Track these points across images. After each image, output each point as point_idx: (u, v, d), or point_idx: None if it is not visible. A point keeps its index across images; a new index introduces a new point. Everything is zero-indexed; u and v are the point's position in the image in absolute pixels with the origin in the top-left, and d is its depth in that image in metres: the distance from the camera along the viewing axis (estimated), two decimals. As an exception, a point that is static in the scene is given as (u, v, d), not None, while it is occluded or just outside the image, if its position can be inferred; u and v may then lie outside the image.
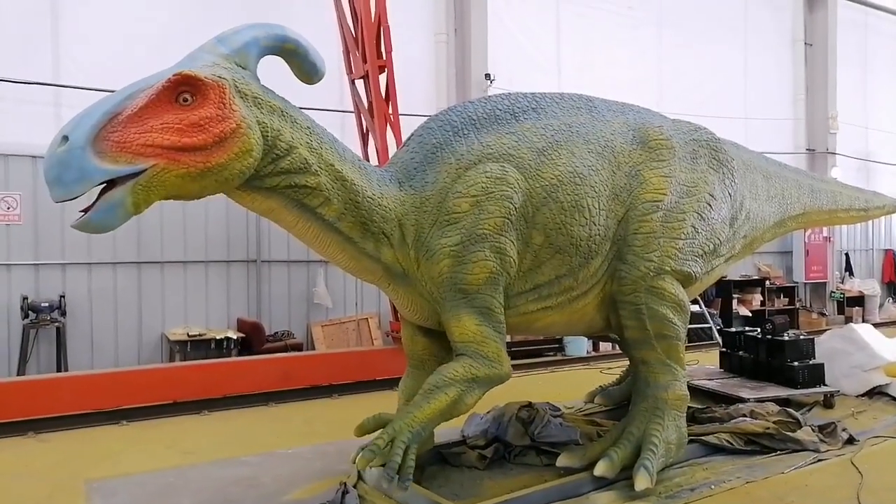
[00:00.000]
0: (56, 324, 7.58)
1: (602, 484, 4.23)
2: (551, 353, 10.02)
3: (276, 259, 8.64)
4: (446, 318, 3.94)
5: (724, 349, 7.46)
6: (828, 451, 5.02)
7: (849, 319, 14.15)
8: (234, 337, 7.50)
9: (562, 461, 4.40)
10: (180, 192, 3.13)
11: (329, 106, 8.50)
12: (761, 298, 13.51)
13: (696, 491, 4.26)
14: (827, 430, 5.31)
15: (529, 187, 4.04)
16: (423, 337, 4.53)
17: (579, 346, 10.09)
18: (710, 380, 6.85)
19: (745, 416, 5.42)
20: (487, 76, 9.48)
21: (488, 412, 5.20)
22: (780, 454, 4.93)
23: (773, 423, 5.25)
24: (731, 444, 5.04)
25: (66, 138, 2.88)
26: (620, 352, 9.88)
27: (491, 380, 3.89)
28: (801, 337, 6.81)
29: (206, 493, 4.39)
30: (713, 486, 4.34)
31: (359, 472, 4.22)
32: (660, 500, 4.08)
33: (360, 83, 7.73)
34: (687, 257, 4.51)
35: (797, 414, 5.43)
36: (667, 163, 4.54)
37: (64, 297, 7.67)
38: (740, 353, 7.11)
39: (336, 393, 7.36)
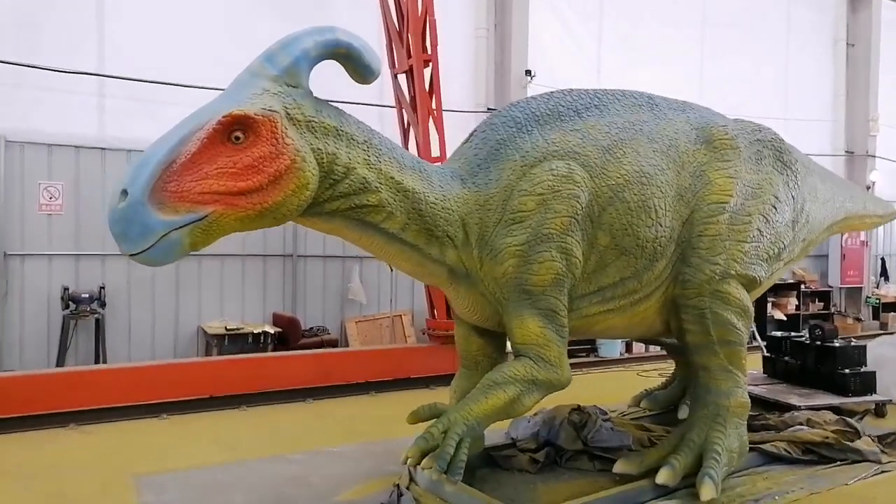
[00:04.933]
0: (96, 315, 7.59)
1: (662, 492, 4.11)
2: (584, 355, 9.87)
3: (311, 254, 8.59)
4: (508, 319, 3.85)
5: (767, 354, 7.31)
6: (889, 462, 4.87)
7: (884, 325, 13.86)
8: (272, 332, 7.46)
9: (619, 468, 4.29)
10: (239, 230, 3.15)
11: (369, 101, 8.44)
12: (796, 303, 13.26)
13: (759, 502, 4.13)
14: (887, 441, 5.16)
15: (596, 186, 3.94)
16: (478, 337, 4.46)
17: (613, 347, 9.94)
18: (755, 385, 6.68)
19: (801, 424, 5.27)
20: (528, 72, 9.35)
21: (536, 415, 5.10)
22: (840, 465, 4.78)
23: (832, 432, 5.10)
24: (790, 453, 4.89)
25: (125, 193, 2.85)
26: (655, 353, 9.85)
27: (551, 384, 3.80)
28: (853, 344, 6.63)
29: (259, 490, 4.33)
30: (776, 497, 4.21)
31: (410, 473, 4.15)
32: (723, 511, 3.95)
33: (402, 77, 7.64)
34: (752, 261, 4.39)
35: (855, 423, 5.27)
36: (732, 163, 4.41)
37: (104, 288, 7.67)
38: (786, 358, 6.95)
39: (373, 390, 7.30)
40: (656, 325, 4.56)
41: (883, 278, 14.96)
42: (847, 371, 6.30)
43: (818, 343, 6.65)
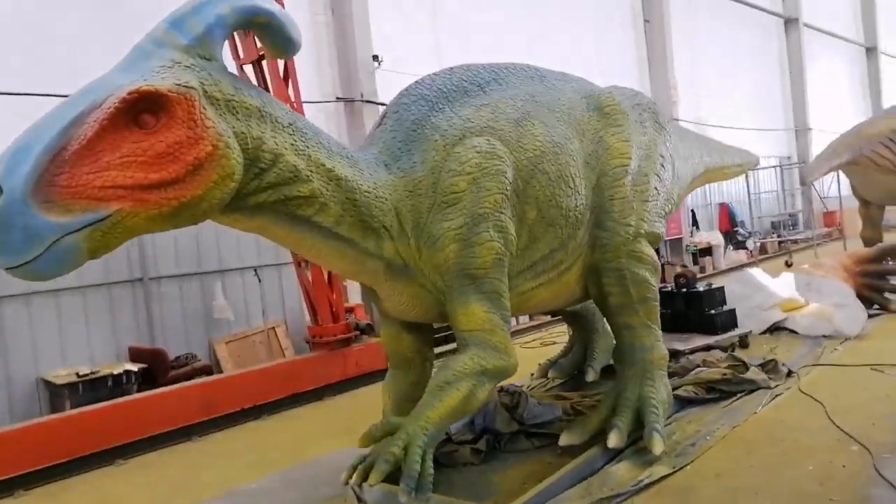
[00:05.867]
0: None
1: (612, 455, 4.15)
2: (452, 341, 9.82)
3: (164, 275, 7.60)
4: (452, 308, 3.62)
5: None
6: (777, 385, 5.37)
7: (703, 269, 15.59)
8: (135, 369, 6.48)
9: (564, 440, 4.28)
10: (149, 231, 2.60)
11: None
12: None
13: (697, 445, 4.31)
14: (768, 367, 5.69)
15: (516, 160, 3.83)
16: (409, 335, 4.21)
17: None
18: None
19: (698, 366, 5.64)
20: (375, 58, 9.04)
21: None
22: (741, 396, 5.17)
23: (725, 367, 5.54)
24: (697, 394, 5.21)
25: None
26: (528, 325, 10.11)
27: (500, 372, 3.64)
28: (713, 287, 7.28)
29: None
30: (708, 438, 4.43)
31: (356, 494, 3.77)
32: (672, 460, 4.07)
33: (248, 68, 6.98)
34: (654, 218, 4.59)
35: (743, 357, 5.76)
36: (623, 127, 4.55)
37: None
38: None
39: (265, 413, 6.66)
40: (576, 293, 4.60)
41: (695, 227, 16.82)
42: (713, 312, 6.90)
43: (684, 290, 7.21)
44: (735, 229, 17.51)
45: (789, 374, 5.65)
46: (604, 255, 4.34)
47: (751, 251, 16.70)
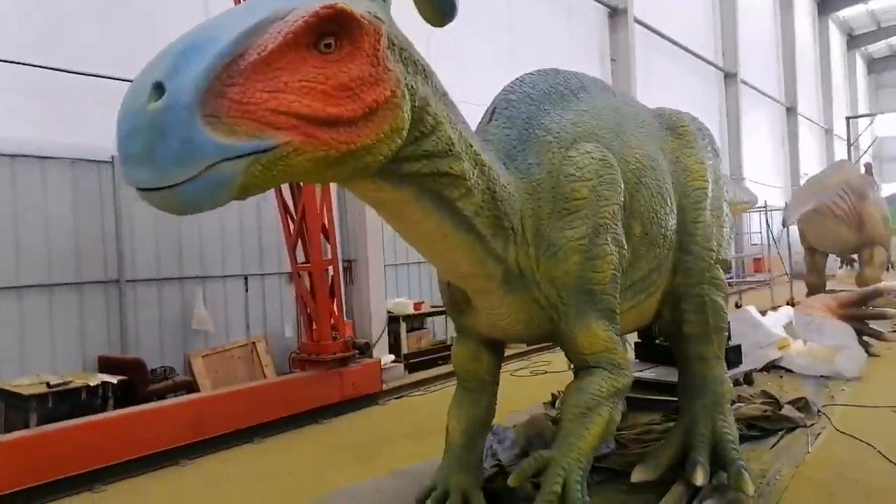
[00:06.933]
0: None
1: (693, 494, 3.91)
2: (442, 363, 9.46)
3: (142, 277, 6.80)
4: (570, 327, 3.29)
5: (638, 339, 7.69)
6: (812, 424, 5.34)
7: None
8: (113, 381, 5.67)
9: (637, 476, 4.03)
10: (304, 178, 2.22)
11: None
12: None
13: (771, 486, 4.16)
14: (800, 405, 5.67)
15: (623, 171, 3.59)
16: (488, 355, 3.85)
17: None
18: (640, 371, 6.95)
19: (735, 402, 5.54)
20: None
21: (495, 432, 4.62)
22: (781, 435, 5.10)
23: (760, 403, 5.46)
24: (740, 430, 5.08)
25: (159, 87, 1.78)
26: (514, 352, 9.81)
27: (627, 390, 3.42)
28: (718, 322, 7.27)
29: None
30: (777, 478, 4.30)
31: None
32: (757, 501, 3.89)
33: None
34: (726, 245, 4.49)
35: (774, 394, 5.71)
36: (696, 149, 4.44)
37: None
38: (657, 341, 7.35)
39: (257, 436, 6.02)
40: (649, 319, 4.40)
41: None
42: (721, 347, 6.86)
43: (690, 324, 7.15)
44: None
45: (818, 412, 5.64)
46: (686, 280, 4.17)
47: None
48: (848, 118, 30.02)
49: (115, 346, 6.52)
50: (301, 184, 6.47)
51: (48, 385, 5.39)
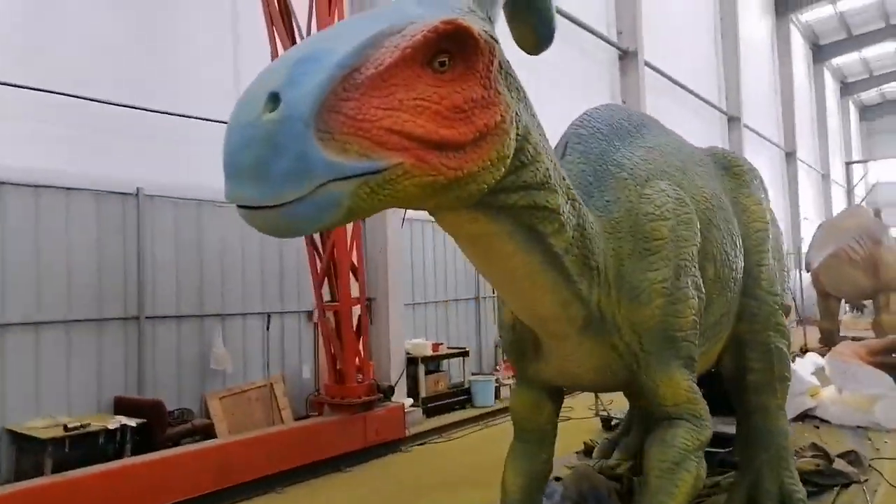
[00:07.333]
0: None
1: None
2: (458, 407, 9.17)
3: (161, 314, 6.56)
4: (652, 377, 3.11)
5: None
6: (866, 479, 5.11)
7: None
8: (133, 424, 5.39)
9: (706, 535, 3.77)
10: (406, 204, 2.01)
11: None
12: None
13: (841, 546, 3.92)
14: (849, 459, 5.45)
15: (695, 210, 3.44)
16: (551, 404, 3.64)
17: (487, 395, 9.42)
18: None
19: (784, 454, 5.31)
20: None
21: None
22: (838, 491, 4.87)
23: (811, 457, 5.24)
24: (796, 485, 4.86)
25: (275, 98, 1.64)
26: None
27: (706, 444, 3.20)
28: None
29: None
30: (847, 538, 4.05)
31: None
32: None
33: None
34: (786, 289, 4.32)
35: (824, 447, 5.49)
36: (752, 189, 4.35)
37: None
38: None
39: (278, 484, 5.72)
40: (710, 366, 4.19)
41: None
42: (756, 394, 6.64)
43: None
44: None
45: (868, 465, 5.42)
46: (752, 327, 4.01)
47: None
48: (846, 163, 30.26)
49: (131, 386, 6.23)
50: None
51: (65, 428, 5.11)
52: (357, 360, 6.41)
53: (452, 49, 1.90)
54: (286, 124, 1.62)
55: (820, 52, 33.91)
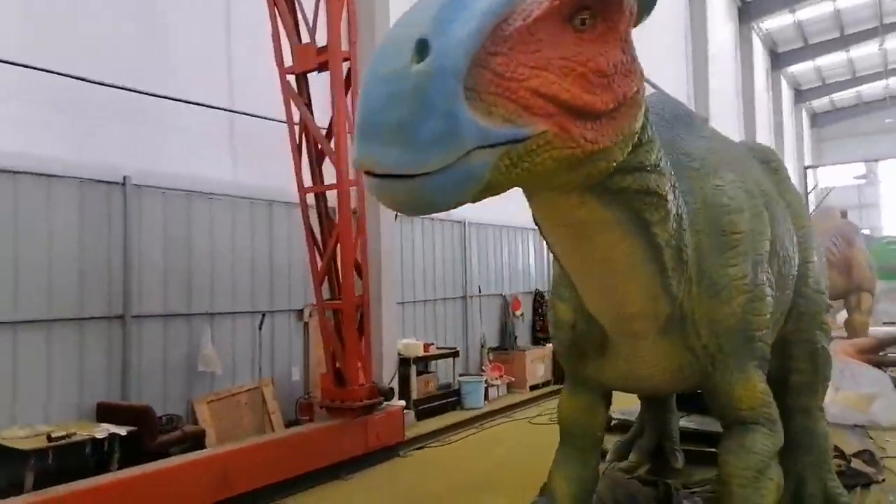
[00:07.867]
0: None
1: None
2: (450, 409, 8.93)
3: (148, 313, 6.11)
4: (728, 378, 2.96)
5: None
6: (883, 479, 5.10)
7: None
8: (122, 433, 4.96)
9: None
10: (537, 181, 1.76)
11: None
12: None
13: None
14: (864, 459, 5.44)
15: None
16: (604, 409, 3.44)
17: (477, 397, 9.20)
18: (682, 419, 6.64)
19: (803, 455, 5.25)
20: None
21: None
22: (858, 489, 4.83)
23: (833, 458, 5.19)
24: (818, 487, 4.80)
25: (423, 46, 1.40)
26: (526, 397, 9.36)
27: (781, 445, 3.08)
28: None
29: None
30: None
31: None
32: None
33: (291, 78, 6.03)
34: (826, 287, 4.22)
35: (841, 447, 5.46)
36: (791, 184, 4.26)
37: None
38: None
39: (277, 494, 5.38)
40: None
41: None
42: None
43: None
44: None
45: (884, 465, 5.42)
46: (798, 326, 3.90)
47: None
48: (805, 167, 31.19)
49: (114, 390, 5.78)
50: (336, 214, 5.99)
51: (49, 438, 4.65)
52: (359, 361, 6.10)
53: (595, 6, 1.67)
54: (437, 79, 1.37)
55: (777, 60, 34.84)
